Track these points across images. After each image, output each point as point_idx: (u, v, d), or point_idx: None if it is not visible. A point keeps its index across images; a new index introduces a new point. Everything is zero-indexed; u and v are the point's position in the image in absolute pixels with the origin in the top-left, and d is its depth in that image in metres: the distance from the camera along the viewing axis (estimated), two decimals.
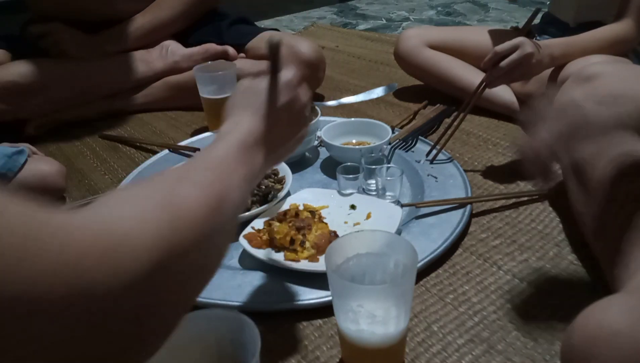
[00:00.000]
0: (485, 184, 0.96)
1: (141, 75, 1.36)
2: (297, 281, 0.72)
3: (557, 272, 0.74)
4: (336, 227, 0.80)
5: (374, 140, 1.03)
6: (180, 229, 0.36)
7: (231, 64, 1.23)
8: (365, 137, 1.05)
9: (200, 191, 0.40)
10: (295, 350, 0.64)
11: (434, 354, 0.62)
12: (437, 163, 1.00)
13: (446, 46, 1.32)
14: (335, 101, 1.20)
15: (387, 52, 1.69)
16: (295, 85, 0.58)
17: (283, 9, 2.69)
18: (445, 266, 0.76)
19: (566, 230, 0.82)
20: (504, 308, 0.69)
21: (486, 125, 1.20)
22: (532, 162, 0.62)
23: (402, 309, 0.54)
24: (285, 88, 0.57)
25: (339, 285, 0.54)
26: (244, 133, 0.51)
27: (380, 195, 0.89)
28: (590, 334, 0.42)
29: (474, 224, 0.85)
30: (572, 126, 0.59)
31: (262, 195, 0.87)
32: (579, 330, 0.44)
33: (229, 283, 0.72)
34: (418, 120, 1.16)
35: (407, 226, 0.82)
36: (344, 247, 0.57)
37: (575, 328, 0.44)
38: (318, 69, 1.35)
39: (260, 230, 0.80)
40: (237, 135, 0.50)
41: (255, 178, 0.52)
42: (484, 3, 2.64)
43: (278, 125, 0.55)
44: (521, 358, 0.61)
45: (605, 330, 0.41)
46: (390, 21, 2.46)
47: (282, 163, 0.84)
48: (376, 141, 1.01)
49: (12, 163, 0.92)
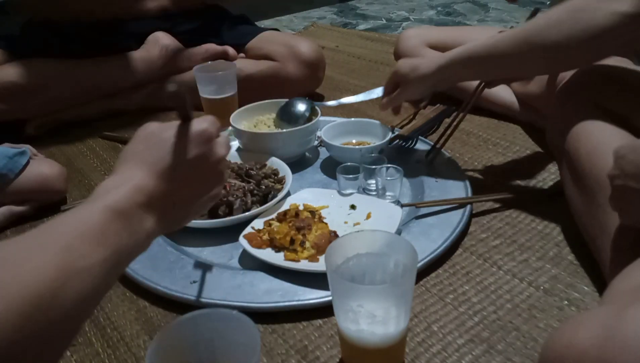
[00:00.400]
0: (485, 184, 0.96)
1: (141, 75, 1.36)
2: (297, 281, 0.72)
3: (557, 272, 0.74)
4: (336, 227, 0.80)
5: (374, 140, 1.03)
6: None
7: (231, 64, 1.23)
8: (365, 137, 1.05)
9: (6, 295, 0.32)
10: (295, 350, 0.64)
11: (434, 354, 0.62)
12: (437, 163, 1.00)
13: (446, 46, 1.32)
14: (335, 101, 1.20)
15: (387, 52, 1.69)
16: (209, 137, 0.50)
17: (283, 9, 2.69)
18: (445, 266, 0.76)
19: (566, 230, 0.81)
20: (504, 308, 0.68)
21: (486, 125, 1.20)
22: None
23: (402, 309, 0.54)
24: (197, 140, 0.49)
25: (339, 285, 0.54)
26: (126, 194, 0.43)
27: (380, 195, 0.89)
28: (559, 353, 0.41)
29: (474, 224, 0.85)
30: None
31: (262, 195, 0.87)
32: (549, 348, 0.43)
33: (229, 283, 0.72)
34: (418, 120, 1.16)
35: (407, 226, 0.82)
36: (344, 247, 0.57)
37: (547, 346, 0.44)
38: (318, 69, 1.36)
39: (260, 230, 0.80)
40: (115, 197, 0.43)
41: (137, 248, 0.44)
42: (484, 3, 2.64)
43: (182, 184, 0.48)
44: (521, 358, 0.61)
45: (573, 349, 0.40)
46: (390, 21, 2.46)
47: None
48: (376, 141, 1.01)
49: (13, 164, 0.91)
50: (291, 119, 1.07)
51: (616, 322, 0.38)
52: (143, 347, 0.66)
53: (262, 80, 1.32)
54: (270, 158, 0.97)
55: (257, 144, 1.01)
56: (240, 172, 0.91)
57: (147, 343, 0.67)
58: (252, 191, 0.87)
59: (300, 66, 1.32)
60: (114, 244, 0.41)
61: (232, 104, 1.16)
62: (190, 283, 0.73)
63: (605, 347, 0.37)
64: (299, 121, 1.06)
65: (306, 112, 1.08)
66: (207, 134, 0.50)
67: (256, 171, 0.92)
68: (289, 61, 1.32)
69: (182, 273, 0.75)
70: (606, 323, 0.38)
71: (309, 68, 1.33)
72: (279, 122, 1.09)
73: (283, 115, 1.09)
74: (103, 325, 0.70)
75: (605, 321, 0.39)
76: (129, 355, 0.65)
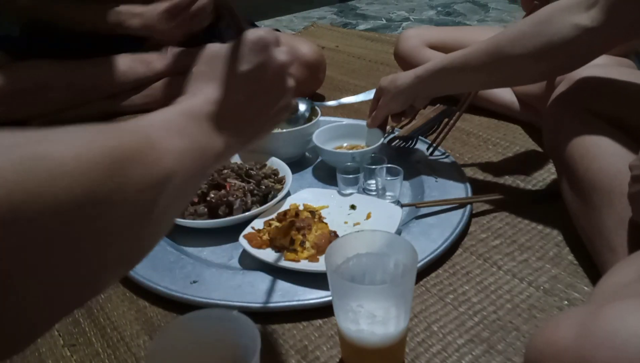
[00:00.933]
0: (485, 184, 0.96)
1: (141, 75, 1.36)
2: (297, 281, 0.72)
3: (557, 272, 0.74)
4: (336, 227, 0.80)
5: (368, 143, 1.02)
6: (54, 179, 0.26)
7: None
8: (358, 140, 1.04)
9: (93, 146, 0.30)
10: (295, 350, 0.64)
11: (434, 354, 0.62)
12: (437, 163, 1.00)
13: (446, 46, 1.32)
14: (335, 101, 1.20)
15: (387, 52, 1.69)
16: (266, 45, 0.48)
17: (283, 9, 2.69)
18: (445, 266, 0.76)
19: (566, 230, 0.81)
20: (504, 308, 0.69)
21: (486, 125, 1.20)
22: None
23: (402, 309, 0.54)
24: (252, 50, 0.48)
25: (339, 285, 0.54)
26: (196, 103, 0.44)
27: (380, 195, 0.89)
28: (540, 350, 0.42)
29: (474, 224, 0.85)
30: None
31: (262, 195, 0.87)
32: (532, 346, 0.44)
33: (229, 283, 0.72)
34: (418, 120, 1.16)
35: (407, 226, 0.82)
36: (344, 247, 0.57)
37: (530, 344, 0.44)
38: (318, 70, 1.36)
39: (260, 230, 0.80)
40: (188, 104, 0.44)
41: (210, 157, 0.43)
42: (484, 3, 2.64)
43: (247, 96, 0.47)
44: (521, 358, 0.61)
45: (553, 347, 0.40)
46: (390, 21, 2.46)
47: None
48: (369, 144, 1.01)
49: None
50: (291, 119, 1.07)
51: (592, 320, 0.38)
52: (143, 347, 0.66)
53: None
54: (270, 158, 0.97)
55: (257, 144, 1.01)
56: (240, 172, 0.91)
57: (147, 343, 0.67)
58: (252, 191, 0.87)
59: (301, 67, 1.32)
60: (191, 139, 0.40)
61: None
62: (190, 283, 0.73)
63: (582, 344, 0.38)
64: (299, 121, 1.06)
65: (306, 112, 1.08)
66: (263, 41, 0.48)
67: (256, 171, 0.92)
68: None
69: (182, 273, 0.75)
70: (583, 322, 0.39)
71: (310, 70, 1.33)
72: None
73: None
74: (103, 325, 0.70)
75: (583, 319, 0.39)
76: (129, 355, 0.65)
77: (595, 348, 0.37)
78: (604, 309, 0.38)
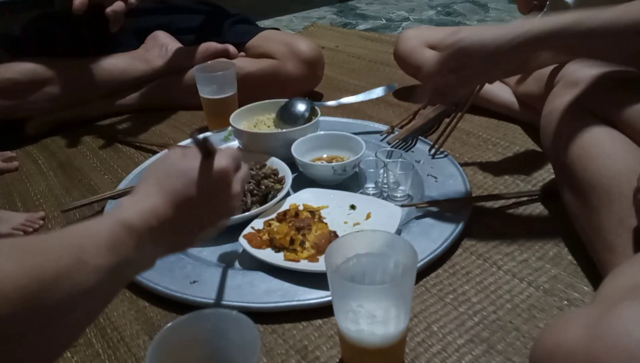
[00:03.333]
0: (485, 184, 0.96)
1: (141, 74, 1.36)
2: (297, 281, 0.72)
3: (557, 272, 0.74)
4: (336, 227, 0.80)
5: (348, 154, 0.97)
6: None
7: (231, 63, 1.23)
8: (338, 151, 1.00)
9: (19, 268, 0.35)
10: (295, 350, 0.64)
11: (434, 354, 0.62)
12: (437, 162, 1.00)
13: None
14: (335, 101, 1.20)
15: (387, 52, 1.69)
16: (228, 176, 0.53)
17: (283, 9, 2.69)
18: (445, 266, 0.76)
19: (566, 230, 0.81)
20: (504, 308, 0.69)
21: (486, 125, 1.20)
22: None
23: (402, 309, 0.54)
24: (216, 179, 0.51)
25: (339, 285, 0.54)
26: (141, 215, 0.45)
27: (392, 189, 0.89)
28: (548, 351, 0.42)
29: (473, 225, 0.85)
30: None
31: (262, 195, 0.87)
32: (539, 346, 0.43)
33: (229, 283, 0.72)
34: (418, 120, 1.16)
35: (407, 226, 0.82)
36: (344, 247, 0.57)
37: (538, 344, 0.44)
38: (316, 67, 1.36)
39: (260, 230, 0.80)
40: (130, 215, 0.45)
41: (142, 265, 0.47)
42: (484, 3, 2.64)
43: (194, 215, 0.50)
44: (521, 358, 0.61)
45: (562, 348, 0.40)
46: (390, 21, 2.46)
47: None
48: (350, 156, 0.96)
49: None
50: (291, 119, 1.07)
51: (603, 321, 0.38)
52: (143, 347, 0.66)
53: (261, 78, 1.32)
54: (270, 158, 0.97)
55: (257, 144, 1.01)
56: None
57: (147, 343, 0.67)
58: (252, 191, 0.87)
59: (300, 64, 1.32)
60: (122, 255, 0.43)
61: (232, 104, 1.16)
62: (190, 283, 0.73)
63: (592, 346, 0.37)
64: (299, 121, 1.06)
65: (306, 112, 1.07)
66: (227, 174, 0.52)
67: (256, 171, 0.92)
68: (288, 59, 1.32)
69: (182, 273, 0.75)
70: (593, 323, 0.39)
71: (308, 66, 1.33)
72: (279, 122, 1.09)
73: (283, 115, 1.09)
74: (103, 325, 0.70)
75: (592, 320, 0.39)
76: (129, 355, 0.65)
77: (607, 350, 0.36)
78: (614, 310, 0.38)
